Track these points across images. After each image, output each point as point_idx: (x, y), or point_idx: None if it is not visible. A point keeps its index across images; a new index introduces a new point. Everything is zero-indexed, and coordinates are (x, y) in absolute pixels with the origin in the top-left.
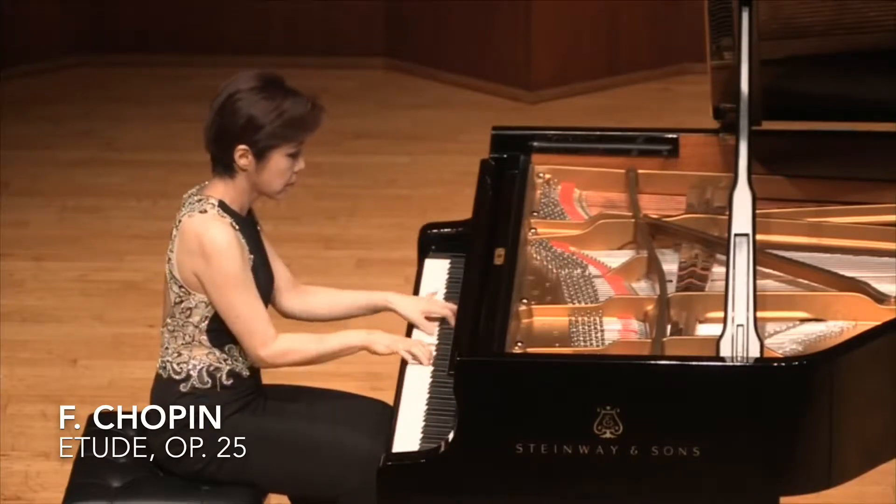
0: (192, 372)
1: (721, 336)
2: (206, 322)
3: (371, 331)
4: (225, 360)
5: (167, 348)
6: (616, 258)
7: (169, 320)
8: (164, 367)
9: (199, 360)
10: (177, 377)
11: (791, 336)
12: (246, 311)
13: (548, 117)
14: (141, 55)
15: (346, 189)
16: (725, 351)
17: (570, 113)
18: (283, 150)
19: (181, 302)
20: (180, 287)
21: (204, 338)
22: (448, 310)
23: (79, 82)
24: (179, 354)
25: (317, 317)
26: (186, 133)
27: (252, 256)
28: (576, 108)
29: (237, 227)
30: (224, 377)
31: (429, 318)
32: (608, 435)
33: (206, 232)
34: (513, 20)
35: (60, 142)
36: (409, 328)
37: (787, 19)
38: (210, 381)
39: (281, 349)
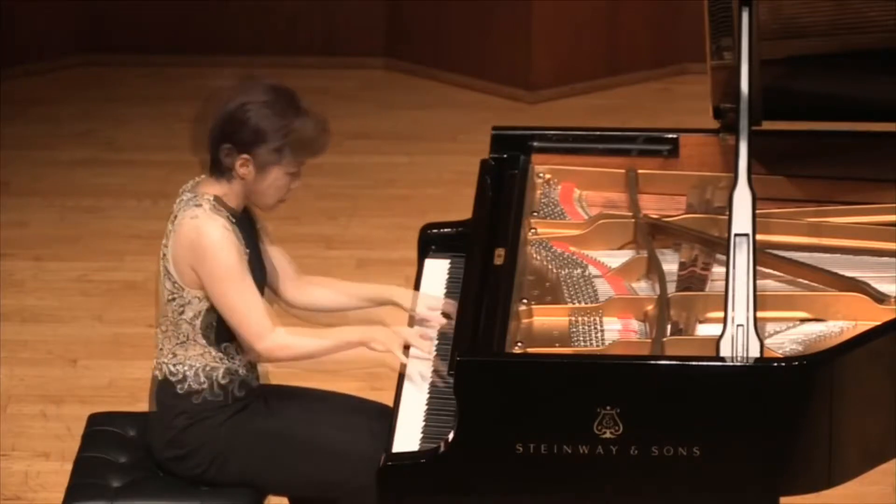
0: (188, 373)
1: (721, 336)
2: (200, 319)
3: (368, 327)
4: (221, 360)
5: (162, 349)
6: (616, 258)
7: (162, 320)
8: (161, 369)
9: (194, 360)
10: (173, 378)
11: (791, 336)
12: (242, 304)
13: (548, 117)
14: (141, 55)
15: (346, 189)
16: (725, 351)
17: (570, 113)
18: (284, 168)
19: (174, 299)
20: (174, 283)
21: (199, 336)
22: (449, 304)
23: (79, 82)
24: (175, 355)
25: (319, 307)
26: (186, 133)
27: (248, 251)
28: (576, 108)
29: (233, 221)
30: (220, 376)
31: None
32: (608, 435)
33: (201, 226)
34: (513, 20)
35: (60, 142)
36: (411, 321)
37: (787, 19)
38: (207, 381)
39: (278, 343)
